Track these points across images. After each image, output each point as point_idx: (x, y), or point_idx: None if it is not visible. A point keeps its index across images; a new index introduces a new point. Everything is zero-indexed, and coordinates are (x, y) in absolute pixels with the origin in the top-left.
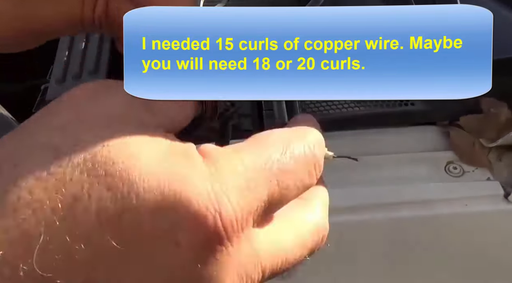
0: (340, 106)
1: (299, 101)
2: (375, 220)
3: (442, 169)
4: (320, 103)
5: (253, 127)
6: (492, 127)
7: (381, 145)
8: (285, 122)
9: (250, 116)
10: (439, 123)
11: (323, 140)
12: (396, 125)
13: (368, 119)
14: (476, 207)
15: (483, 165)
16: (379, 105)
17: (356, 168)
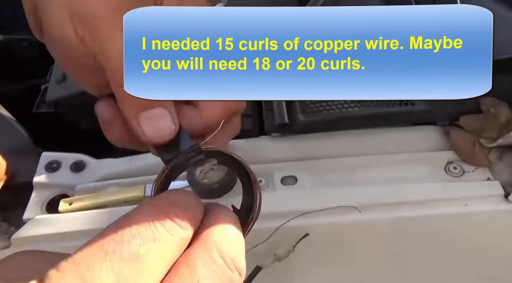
0: (340, 106)
1: (299, 101)
2: (375, 220)
3: (442, 169)
4: (320, 103)
5: (253, 127)
6: (492, 127)
7: (381, 145)
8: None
9: (250, 116)
10: (439, 123)
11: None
12: (396, 125)
13: (368, 119)
14: (476, 207)
15: (483, 165)
16: (379, 105)
17: (356, 168)
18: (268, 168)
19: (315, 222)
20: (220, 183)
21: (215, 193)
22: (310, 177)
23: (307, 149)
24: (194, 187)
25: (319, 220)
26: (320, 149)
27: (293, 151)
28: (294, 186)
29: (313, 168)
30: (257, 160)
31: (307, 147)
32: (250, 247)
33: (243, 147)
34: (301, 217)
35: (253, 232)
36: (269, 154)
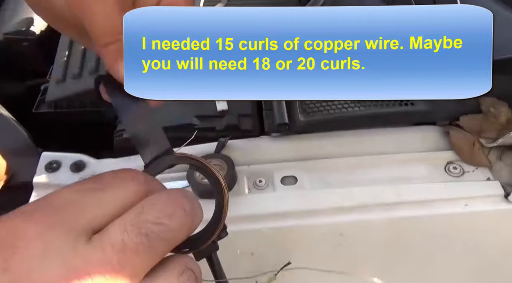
0: (340, 106)
1: (299, 101)
2: (375, 220)
3: (442, 169)
4: (320, 103)
5: (253, 127)
6: (492, 127)
7: (381, 145)
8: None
9: (250, 116)
10: (439, 123)
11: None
12: (396, 125)
13: (368, 119)
14: (476, 207)
15: (483, 165)
16: (379, 105)
17: (356, 168)
18: (268, 168)
19: (315, 222)
20: None
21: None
22: (310, 177)
23: (307, 149)
24: (194, 187)
25: (319, 220)
26: (320, 149)
27: (293, 151)
28: (294, 186)
29: (313, 168)
30: (257, 160)
31: (307, 147)
32: (249, 248)
33: (243, 147)
34: (301, 217)
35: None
36: (269, 154)
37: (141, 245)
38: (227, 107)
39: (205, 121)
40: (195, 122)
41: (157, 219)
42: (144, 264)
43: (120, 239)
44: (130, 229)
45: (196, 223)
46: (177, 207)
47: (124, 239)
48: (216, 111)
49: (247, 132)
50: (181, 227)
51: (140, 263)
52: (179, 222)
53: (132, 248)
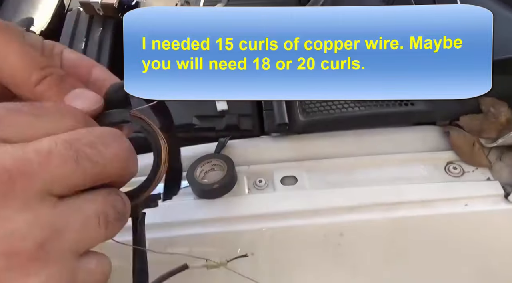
0: (340, 106)
1: (299, 101)
2: (375, 220)
3: (442, 169)
4: (320, 103)
5: (253, 127)
6: (492, 127)
7: (381, 145)
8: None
9: (250, 116)
10: (439, 123)
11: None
12: (396, 125)
13: (368, 119)
14: (476, 207)
15: (483, 165)
16: (379, 105)
17: (356, 168)
18: (268, 168)
19: (315, 222)
20: (220, 183)
21: (215, 193)
22: (310, 177)
23: (307, 149)
24: (194, 187)
25: (319, 220)
26: (320, 149)
27: (293, 151)
28: (294, 186)
29: (313, 168)
30: (257, 160)
31: (307, 147)
32: (250, 247)
33: (243, 147)
34: (301, 217)
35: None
36: (269, 154)
37: (68, 157)
38: (227, 107)
39: (205, 121)
40: (195, 122)
41: (92, 143)
42: (67, 178)
43: (46, 146)
44: (60, 142)
45: (129, 168)
46: (115, 141)
47: (51, 147)
48: (216, 111)
49: (247, 133)
50: (113, 159)
51: (61, 175)
52: (113, 152)
53: (57, 157)
